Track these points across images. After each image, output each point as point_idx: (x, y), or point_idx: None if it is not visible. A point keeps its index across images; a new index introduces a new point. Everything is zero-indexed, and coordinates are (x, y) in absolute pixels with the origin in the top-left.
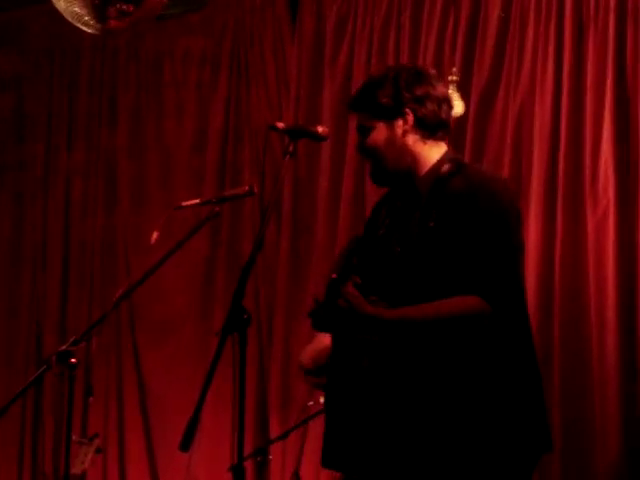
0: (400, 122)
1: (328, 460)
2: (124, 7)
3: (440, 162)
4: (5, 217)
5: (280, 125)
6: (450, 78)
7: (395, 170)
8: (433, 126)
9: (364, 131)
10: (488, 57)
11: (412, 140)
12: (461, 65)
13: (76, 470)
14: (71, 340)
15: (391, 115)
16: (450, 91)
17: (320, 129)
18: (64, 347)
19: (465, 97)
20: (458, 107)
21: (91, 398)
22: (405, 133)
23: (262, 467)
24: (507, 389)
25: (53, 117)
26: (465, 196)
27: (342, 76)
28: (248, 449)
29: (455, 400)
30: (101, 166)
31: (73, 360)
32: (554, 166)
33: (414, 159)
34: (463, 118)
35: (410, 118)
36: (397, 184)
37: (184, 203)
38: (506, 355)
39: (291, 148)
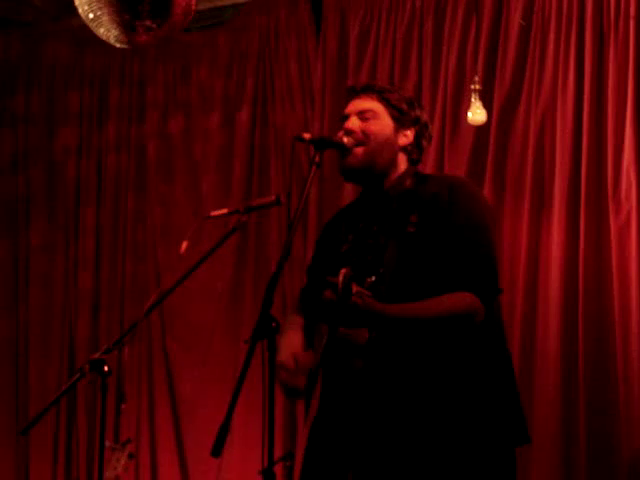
0: (408, 132)
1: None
2: (152, 23)
3: (407, 171)
4: (40, 222)
5: (306, 136)
6: (473, 87)
7: (375, 166)
8: (421, 152)
9: (365, 118)
10: (510, 66)
11: (402, 152)
12: (483, 74)
13: (109, 475)
14: (104, 348)
15: (404, 123)
16: (473, 100)
17: (346, 139)
18: (97, 355)
19: (487, 106)
20: (481, 116)
21: (123, 405)
22: (404, 144)
23: (291, 471)
24: (488, 385)
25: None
26: (443, 196)
27: None
28: (278, 453)
29: (444, 398)
30: (131, 179)
31: (106, 368)
32: (577, 173)
33: (392, 165)
34: (485, 127)
35: (412, 135)
36: (367, 180)
37: (213, 213)
38: (487, 351)
39: (317, 158)
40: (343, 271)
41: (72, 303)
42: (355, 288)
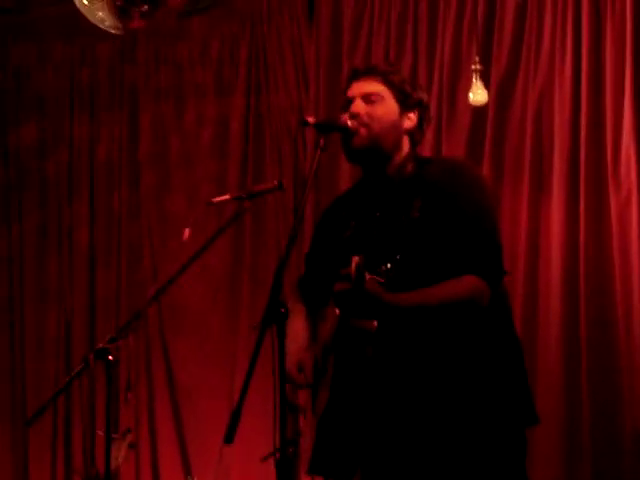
0: (412, 115)
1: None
2: (145, 8)
3: (409, 155)
4: (32, 218)
5: (310, 120)
6: (473, 67)
7: (380, 148)
8: (423, 134)
9: (371, 101)
10: (506, 45)
11: (406, 134)
12: (479, 54)
13: (110, 466)
14: (108, 338)
15: (408, 105)
16: (474, 80)
17: (350, 122)
18: (101, 345)
19: (484, 86)
20: (482, 96)
21: (130, 393)
22: (408, 127)
23: (294, 458)
24: (496, 368)
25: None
26: (445, 180)
27: None
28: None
29: (453, 382)
30: (124, 172)
31: (111, 358)
32: (575, 152)
33: (396, 148)
34: (483, 107)
35: (416, 118)
36: (372, 162)
37: (215, 200)
38: (494, 333)
39: (322, 143)
40: (356, 259)
41: (67, 295)
42: (368, 276)
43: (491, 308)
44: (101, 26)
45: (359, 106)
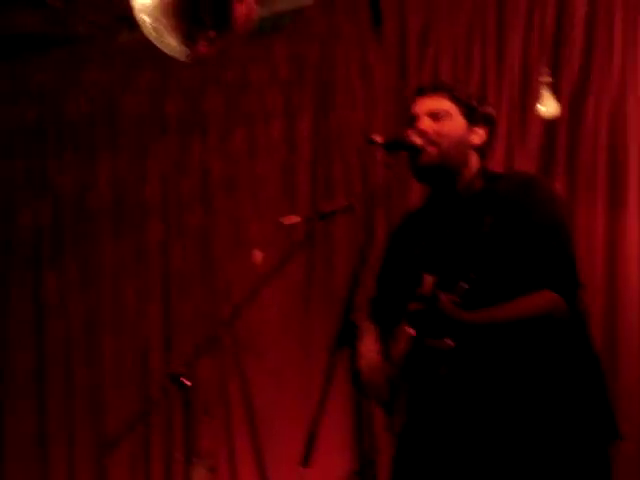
0: (479, 131)
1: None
2: (212, 34)
3: (479, 170)
4: (107, 242)
5: (378, 139)
6: (542, 79)
7: (449, 165)
8: (490, 149)
9: (438, 118)
10: (576, 57)
11: (474, 150)
12: (550, 65)
13: None
14: (183, 362)
15: (475, 120)
16: (543, 92)
17: (418, 140)
18: (177, 370)
19: (556, 98)
20: (553, 108)
21: (206, 417)
22: (476, 143)
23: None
24: (575, 383)
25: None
26: (516, 195)
27: None
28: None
29: (532, 399)
30: (197, 197)
31: (187, 382)
32: None
33: (464, 165)
34: (554, 120)
35: (484, 133)
36: (441, 180)
37: (287, 221)
38: (573, 348)
39: (390, 161)
40: (429, 279)
41: (143, 322)
42: (443, 295)
43: (569, 323)
44: (171, 54)
45: (426, 123)
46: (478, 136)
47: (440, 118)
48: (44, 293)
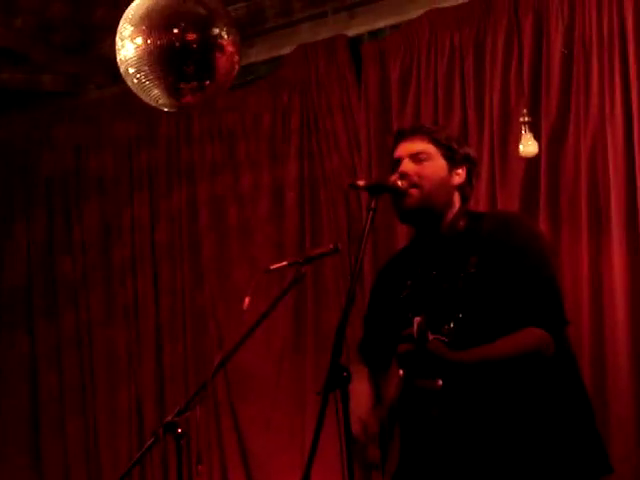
0: (460, 171)
1: None
2: (197, 83)
3: (461, 210)
4: (98, 298)
5: (360, 183)
6: (522, 119)
7: (432, 207)
8: (472, 189)
9: (419, 160)
10: (555, 95)
11: (456, 191)
12: (528, 105)
13: None
14: (176, 411)
15: (456, 161)
16: (523, 132)
17: (400, 183)
18: (170, 418)
19: (535, 137)
20: (532, 147)
21: (200, 466)
22: (458, 183)
23: None
24: (565, 419)
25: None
26: (499, 234)
27: None
28: None
29: (522, 437)
30: (185, 244)
31: (180, 430)
32: (632, 196)
33: (447, 205)
34: (535, 158)
35: (464, 173)
36: (425, 222)
37: (272, 266)
38: (560, 384)
39: (373, 204)
40: (418, 320)
41: (136, 371)
42: (431, 336)
43: (556, 358)
44: (154, 104)
45: (408, 166)
46: (459, 176)
47: (421, 160)
48: (38, 346)
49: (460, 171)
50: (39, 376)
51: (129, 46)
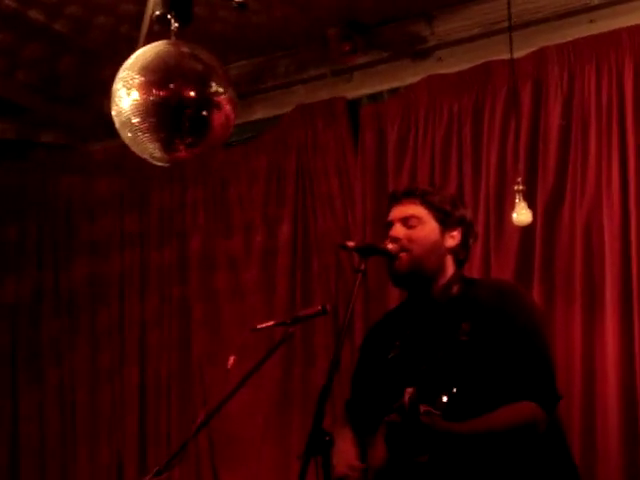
0: (455, 234)
1: None
2: (191, 140)
3: (455, 276)
4: (83, 360)
5: (350, 244)
6: (516, 188)
7: (423, 271)
8: (468, 251)
9: (410, 223)
10: (552, 165)
11: (449, 254)
12: (525, 174)
13: None
14: (154, 470)
15: (449, 223)
16: (517, 200)
17: (391, 246)
18: (148, 478)
19: (531, 205)
20: (526, 216)
21: None
22: (451, 246)
23: None
24: None
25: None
26: (493, 303)
27: None
28: None
29: None
30: (175, 307)
31: None
32: (627, 270)
33: (440, 269)
34: (531, 227)
35: (459, 235)
36: (416, 285)
37: (260, 325)
38: (550, 460)
39: (362, 266)
40: (409, 391)
41: (119, 428)
42: (422, 408)
43: (546, 434)
44: (149, 159)
45: (398, 230)
46: (453, 239)
47: (412, 224)
48: (20, 402)
49: (455, 233)
50: (20, 434)
51: (125, 99)
